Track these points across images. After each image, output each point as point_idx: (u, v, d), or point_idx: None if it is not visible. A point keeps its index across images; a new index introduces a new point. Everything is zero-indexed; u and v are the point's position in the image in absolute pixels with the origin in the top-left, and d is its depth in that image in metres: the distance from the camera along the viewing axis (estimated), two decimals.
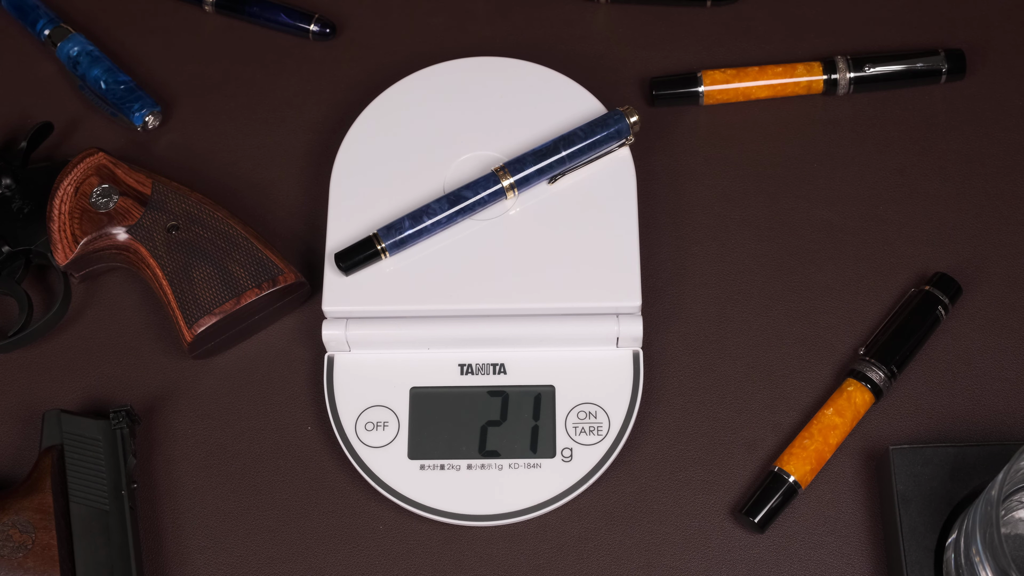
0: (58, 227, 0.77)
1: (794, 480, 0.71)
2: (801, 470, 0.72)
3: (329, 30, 0.85)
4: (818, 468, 0.72)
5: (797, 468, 0.72)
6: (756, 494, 0.71)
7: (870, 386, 0.73)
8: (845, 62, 0.81)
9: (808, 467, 0.72)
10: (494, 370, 0.75)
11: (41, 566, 0.70)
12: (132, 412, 0.74)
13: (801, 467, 0.72)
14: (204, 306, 0.75)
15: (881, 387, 0.73)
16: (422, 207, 0.74)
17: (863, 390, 0.73)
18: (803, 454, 0.72)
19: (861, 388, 0.73)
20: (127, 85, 0.83)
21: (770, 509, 0.71)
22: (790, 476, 0.71)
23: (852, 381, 0.73)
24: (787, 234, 0.79)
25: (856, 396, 0.73)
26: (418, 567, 0.73)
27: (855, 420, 0.73)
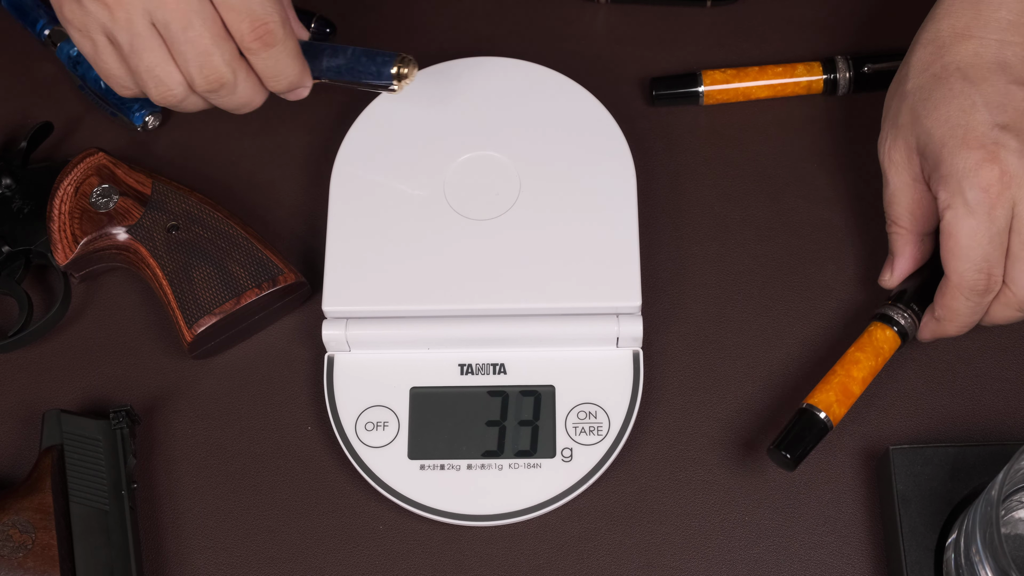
0: (58, 227, 0.77)
1: (824, 415, 0.70)
2: (826, 400, 0.71)
3: (329, 30, 0.85)
4: (845, 400, 0.71)
5: (822, 400, 0.71)
6: (786, 431, 0.70)
7: (896, 328, 0.73)
8: (845, 62, 0.81)
9: (833, 397, 0.71)
10: (494, 370, 0.75)
11: (41, 566, 0.70)
12: (132, 412, 0.74)
13: (826, 398, 0.71)
14: (204, 306, 0.75)
15: (906, 327, 0.73)
16: None
17: (884, 328, 0.73)
18: (825, 387, 0.71)
19: (882, 327, 0.73)
20: None
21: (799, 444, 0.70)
22: (819, 411, 0.70)
23: (875, 323, 0.73)
24: (787, 234, 0.79)
25: (877, 333, 0.73)
26: (418, 567, 0.73)
27: (878, 355, 0.72)
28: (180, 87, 0.71)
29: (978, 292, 0.69)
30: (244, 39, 0.70)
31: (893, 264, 0.74)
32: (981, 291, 0.69)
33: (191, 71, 0.70)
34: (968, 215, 0.68)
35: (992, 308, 0.71)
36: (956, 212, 0.68)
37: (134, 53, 0.70)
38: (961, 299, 0.70)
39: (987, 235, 0.68)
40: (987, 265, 0.68)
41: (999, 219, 0.68)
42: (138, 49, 0.70)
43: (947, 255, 0.69)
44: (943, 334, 0.72)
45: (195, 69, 0.70)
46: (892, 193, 0.73)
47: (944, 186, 0.69)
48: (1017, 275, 0.69)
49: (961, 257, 0.68)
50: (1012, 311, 0.70)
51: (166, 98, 0.72)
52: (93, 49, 0.72)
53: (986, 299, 0.70)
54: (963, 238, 0.68)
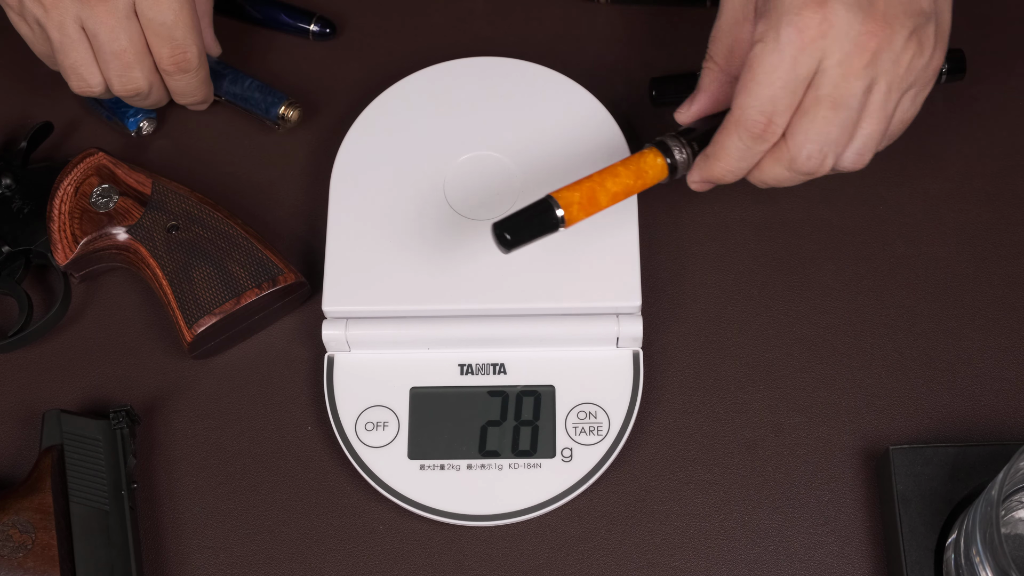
0: (58, 227, 0.77)
1: (560, 212, 0.68)
2: (569, 198, 0.68)
3: (329, 30, 0.85)
4: (587, 207, 0.69)
5: (565, 197, 0.68)
6: (518, 212, 0.68)
7: (668, 159, 0.70)
8: None
9: (577, 198, 0.68)
10: (494, 370, 0.75)
11: (41, 566, 0.70)
12: (132, 412, 0.74)
13: (570, 196, 0.68)
14: (204, 306, 0.75)
15: (678, 161, 0.70)
16: None
17: (657, 155, 0.70)
18: (575, 187, 0.69)
19: (655, 153, 0.70)
20: None
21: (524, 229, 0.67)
22: (558, 206, 0.68)
23: (651, 147, 0.71)
24: (787, 234, 0.79)
25: (648, 156, 0.70)
26: (418, 567, 0.73)
27: (639, 178, 0.70)
28: (99, 86, 0.78)
29: (753, 134, 0.67)
30: (163, 61, 0.78)
31: (694, 98, 0.73)
32: (757, 134, 0.67)
33: (111, 77, 0.77)
34: (774, 51, 0.65)
35: (764, 161, 0.68)
36: (764, 46, 0.66)
37: (62, 50, 0.77)
38: (735, 137, 0.67)
39: (784, 77, 0.65)
40: (771, 108, 0.66)
41: (802, 66, 0.65)
42: (66, 47, 0.76)
43: (739, 89, 0.67)
44: (708, 174, 0.70)
45: (115, 77, 0.77)
46: (718, 28, 0.72)
47: (764, 18, 0.66)
48: (797, 130, 0.67)
49: (750, 92, 0.66)
50: (782, 168, 0.68)
51: (84, 92, 0.79)
52: (29, 32, 0.78)
53: (759, 146, 0.67)
54: (759, 72, 0.66)
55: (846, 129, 0.67)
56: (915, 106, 0.70)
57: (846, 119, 0.66)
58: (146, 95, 0.79)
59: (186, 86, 0.80)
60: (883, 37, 0.65)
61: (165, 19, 0.76)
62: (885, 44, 0.65)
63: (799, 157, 0.67)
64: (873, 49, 0.65)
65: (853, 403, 0.75)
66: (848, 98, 0.66)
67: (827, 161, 0.67)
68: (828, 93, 0.66)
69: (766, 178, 0.69)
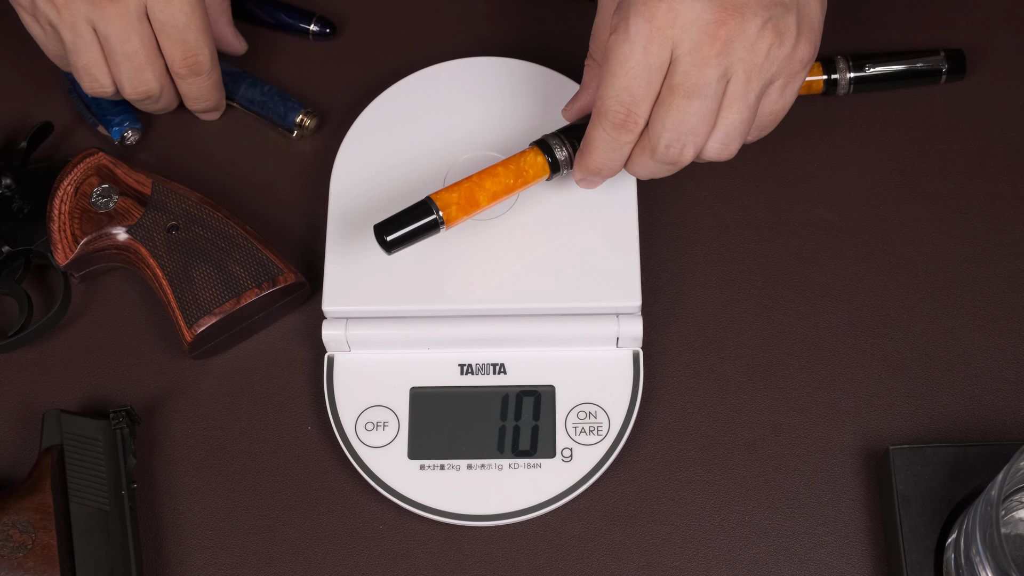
0: (58, 227, 0.77)
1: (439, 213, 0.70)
2: (448, 199, 0.70)
3: (329, 30, 0.85)
4: (466, 206, 0.71)
5: (444, 198, 0.70)
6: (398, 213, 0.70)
7: (549, 157, 0.72)
8: (845, 62, 0.81)
9: (455, 198, 0.70)
10: (494, 370, 0.75)
11: (41, 566, 0.70)
12: (132, 412, 0.74)
13: (448, 197, 0.70)
14: (204, 306, 0.75)
15: (559, 160, 0.72)
16: None
17: (538, 154, 0.72)
18: (454, 187, 0.71)
19: (536, 152, 0.72)
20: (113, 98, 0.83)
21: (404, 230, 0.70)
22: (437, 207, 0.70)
23: (532, 147, 0.73)
24: (787, 234, 0.79)
25: (528, 155, 0.72)
26: (418, 567, 0.73)
27: (519, 176, 0.72)
28: (110, 87, 0.78)
29: (615, 125, 0.67)
30: (175, 64, 0.78)
31: (577, 96, 0.73)
32: (618, 125, 0.67)
33: (122, 79, 0.78)
34: (624, 41, 0.66)
35: (634, 153, 0.69)
36: (616, 36, 0.67)
37: (74, 51, 0.77)
38: (600, 129, 0.68)
39: (637, 67, 0.66)
40: (629, 98, 0.67)
41: (653, 55, 0.66)
42: (78, 49, 0.77)
43: (600, 81, 0.68)
44: (584, 168, 0.71)
45: (126, 79, 0.77)
46: (595, 25, 0.73)
47: (619, 10, 0.67)
48: (655, 119, 0.67)
49: (607, 83, 0.67)
50: (647, 158, 0.69)
51: (95, 92, 0.79)
52: (41, 34, 0.78)
53: (623, 137, 0.68)
54: (613, 63, 0.67)
55: (704, 118, 0.67)
56: (784, 98, 0.69)
57: (703, 108, 0.66)
58: (157, 98, 0.79)
59: (198, 90, 0.80)
60: (734, 25, 0.65)
61: (177, 21, 0.76)
62: (737, 32, 0.65)
63: (659, 146, 0.68)
64: (724, 37, 0.65)
65: (853, 403, 0.75)
66: (702, 87, 0.66)
67: (687, 150, 0.68)
68: (681, 82, 0.66)
69: (637, 169, 0.70)
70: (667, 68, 0.66)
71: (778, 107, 0.70)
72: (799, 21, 0.67)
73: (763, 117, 0.70)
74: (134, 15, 0.75)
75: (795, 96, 0.70)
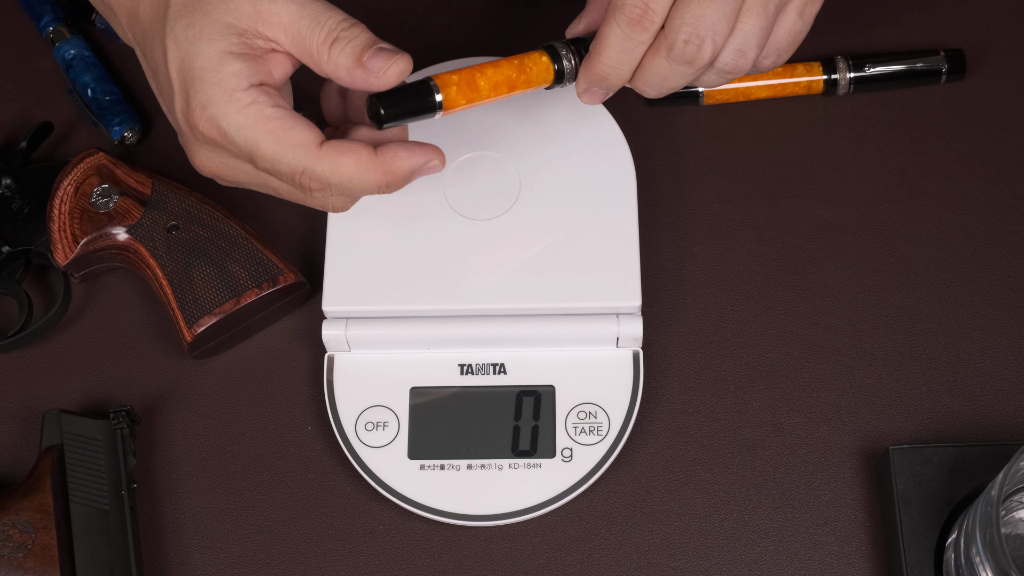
0: (58, 227, 0.77)
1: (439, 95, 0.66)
2: (449, 80, 0.67)
3: None
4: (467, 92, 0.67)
5: (445, 79, 0.67)
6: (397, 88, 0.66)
7: (556, 63, 0.69)
8: (845, 62, 0.81)
9: (456, 80, 0.67)
10: (494, 370, 0.75)
11: (41, 566, 0.70)
12: (132, 412, 0.74)
13: (449, 79, 0.67)
14: (204, 306, 0.75)
15: (564, 67, 0.69)
16: None
17: (544, 56, 0.69)
18: (457, 72, 0.68)
19: (543, 54, 0.69)
20: (114, 97, 0.83)
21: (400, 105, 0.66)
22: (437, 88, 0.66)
23: (541, 50, 0.70)
24: (787, 234, 0.79)
25: (535, 55, 0.69)
26: (418, 567, 0.73)
27: (521, 73, 0.69)
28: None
29: (631, 20, 0.65)
30: (294, 197, 0.68)
31: (583, 13, 0.71)
32: (635, 20, 0.65)
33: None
34: None
35: (646, 58, 0.67)
36: None
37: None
38: (614, 25, 0.66)
39: None
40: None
41: None
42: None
43: None
44: (591, 72, 0.68)
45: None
46: None
47: None
48: (675, 14, 0.65)
49: None
50: (662, 59, 0.67)
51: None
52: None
53: (638, 35, 0.66)
54: None
55: (724, 17, 0.66)
56: (803, 20, 0.69)
57: (723, 6, 0.65)
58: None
59: (329, 203, 0.68)
60: None
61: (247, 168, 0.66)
62: None
63: (676, 41, 0.66)
64: None
65: (853, 403, 0.75)
66: None
67: (705, 47, 0.66)
68: None
69: (648, 76, 0.68)
70: None
71: (797, 28, 0.69)
72: None
73: (781, 36, 0.69)
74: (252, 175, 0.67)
75: (812, 21, 0.69)
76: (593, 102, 0.70)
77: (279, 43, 0.66)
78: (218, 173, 0.68)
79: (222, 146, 0.65)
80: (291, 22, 0.65)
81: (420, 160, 0.67)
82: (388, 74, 0.65)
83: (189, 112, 0.64)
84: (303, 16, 0.65)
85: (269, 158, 0.64)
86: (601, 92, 0.69)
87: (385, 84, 0.65)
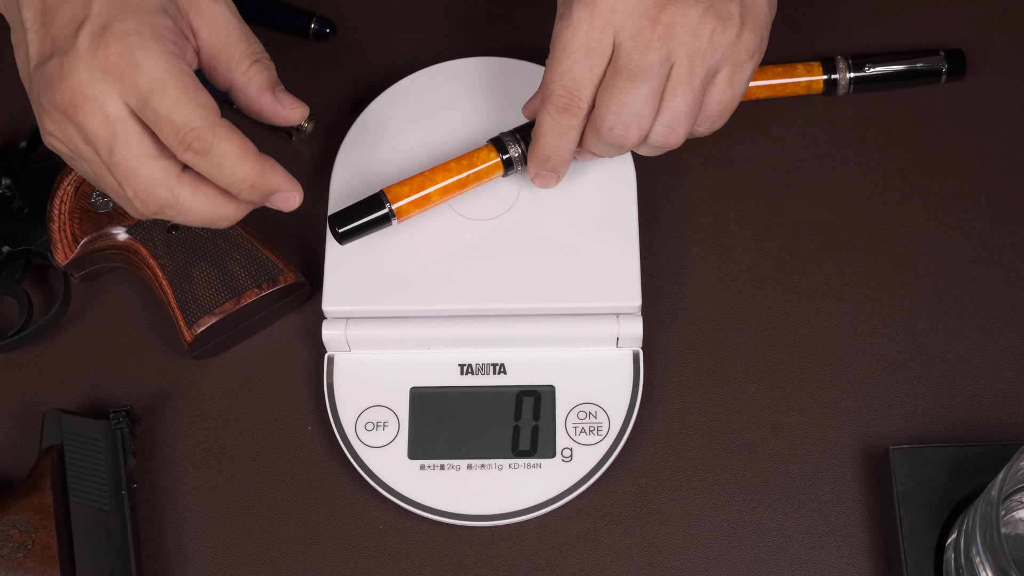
0: (58, 227, 0.77)
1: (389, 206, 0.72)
2: (400, 193, 0.73)
3: (329, 30, 0.85)
4: (418, 201, 0.73)
5: (396, 191, 0.73)
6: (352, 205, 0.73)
7: (503, 154, 0.74)
8: (845, 62, 0.81)
9: (407, 191, 0.73)
10: (494, 370, 0.75)
11: (41, 566, 0.70)
12: (132, 412, 0.74)
13: (400, 191, 0.73)
14: (204, 306, 0.75)
15: (512, 157, 0.73)
16: None
17: (492, 151, 0.74)
18: (407, 182, 0.73)
19: (490, 149, 0.74)
20: None
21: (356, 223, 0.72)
22: (388, 200, 0.72)
23: (488, 144, 0.74)
24: (787, 234, 0.79)
25: (482, 152, 0.74)
26: (418, 567, 0.73)
27: (471, 169, 0.73)
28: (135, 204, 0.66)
29: (558, 108, 0.68)
30: (176, 151, 0.64)
31: (536, 94, 0.74)
32: (561, 108, 0.68)
33: (128, 194, 0.65)
34: (567, 27, 0.67)
35: (586, 136, 0.70)
36: (560, 23, 0.68)
37: (76, 166, 0.68)
38: (545, 114, 0.69)
39: (579, 51, 0.67)
40: (571, 82, 0.68)
41: (595, 40, 0.67)
42: (81, 168, 0.67)
43: (546, 67, 0.69)
44: (535, 157, 0.72)
45: (131, 192, 0.65)
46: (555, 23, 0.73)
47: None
48: (600, 102, 0.68)
49: (551, 68, 0.68)
50: (596, 140, 0.69)
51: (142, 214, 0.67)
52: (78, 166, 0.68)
53: (567, 121, 0.69)
54: (556, 48, 0.68)
55: (648, 100, 0.67)
56: (733, 88, 0.69)
57: (646, 90, 0.67)
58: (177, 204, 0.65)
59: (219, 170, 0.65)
60: (675, 11, 0.66)
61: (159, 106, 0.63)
62: (679, 17, 0.66)
63: (603, 128, 0.68)
64: (665, 22, 0.66)
65: (853, 403, 0.75)
66: (645, 69, 0.67)
67: (631, 132, 0.68)
68: (624, 65, 0.67)
69: (593, 151, 0.71)
70: (610, 54, 0.67)
71: (727, 96, 0.70)
72: (742, 11, 0.68)
73: (712, 106, 0.70)
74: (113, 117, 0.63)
75: (745, 87, 0.70)
76: (546, 186, 0.74)
77: (198, 37, 0.67)
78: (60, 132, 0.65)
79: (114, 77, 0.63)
80: (224, 25, 0.67)
81: (288, 184, 0.68)
82: (293, 112, 0.70)
83: (103, 33, 0.63)
84: (237, 27, 0.68)
85: (170, 102, 0.63)
86: (551, 175, 0.73)
87: (286, 119, 0.70)
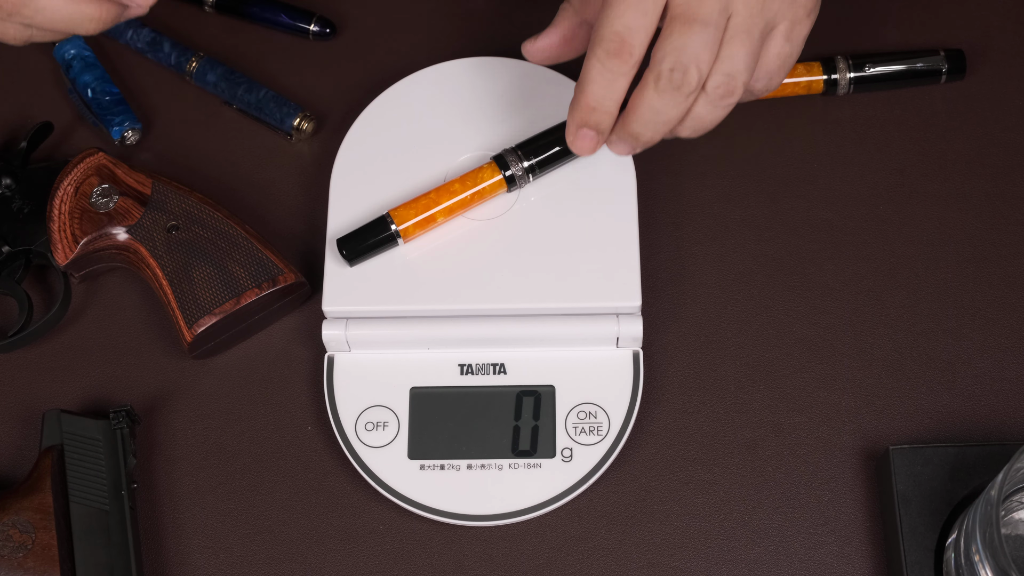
0: (58, 227, 0.77)
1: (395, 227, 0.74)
2: (405, 216, 0.74)
3: (329, 30, 0.85)
4: (423, 223, 0.74)
5: (401, 214, 0.74)
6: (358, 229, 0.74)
7: (505, 172, 0.74)
8: (845, 62, 0.81)
9: (411, 214, 0.74)
10: (494, 370, 0.75)
11: (41, 566, 0.70)
12: (132, 412, 0.74)
13: (406, 214, 0.74)
14: (204, 306, 0.75)
15: (514, 174, 0.74)
16: None
17: (495, 169, 0.74)
18: (412, 204, 0.74)
19: (493, 167, 0.75)
20: (113, 97, 0.83)
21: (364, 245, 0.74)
22: (393, 222, 0.74)
23: (491, 161, 0.75)
24: (787, 234, 0.79)
25: (485, 170, 0.75)
26: (418, 567, 0.73)
27: (475, 188, 0.74)
28: None
29: (608, 52, 0.67)
30: None
31: (543, 32, 0.74)
32: (612, 52, 0.67)
33: None
34: None
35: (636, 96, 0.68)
36: None
37: None
38: (594, 59, 0.67)
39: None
40: (622, 27, 0.66)
41: None
42: None
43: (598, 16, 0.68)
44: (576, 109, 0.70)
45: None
46: None
47: None
48: (658, 47, 0.66)
49: (603, 14, 0.66)
50: (652, 92, 0.67)
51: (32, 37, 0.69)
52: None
53: (620, 67, 0.67)
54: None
55: (706, 45, 0.66)
56: (791, 43, 0.69)
57: (704, 35, 0.66)
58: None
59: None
60: None
61: None
62: None
63: (662, 71, 0.67)
64: None
65: (853, 403, 0.75)
66: (703, 15, 0.66)
67: (690, 74, 0.67)
68: (682, 12, 0.66)
69: (642, 112, 0.69)
70: (664, 3, 0.66)
71: (786, 51, 0.70)
72: None
73: (770, 60, 0.70)
74: None
75: (802, 44, 0.69)
76: (585, 149, 0.72)
77: None
78: None
79: None
80: None
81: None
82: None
83: None
84: None
85: None
86: (591, 134, 0.71)
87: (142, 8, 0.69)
